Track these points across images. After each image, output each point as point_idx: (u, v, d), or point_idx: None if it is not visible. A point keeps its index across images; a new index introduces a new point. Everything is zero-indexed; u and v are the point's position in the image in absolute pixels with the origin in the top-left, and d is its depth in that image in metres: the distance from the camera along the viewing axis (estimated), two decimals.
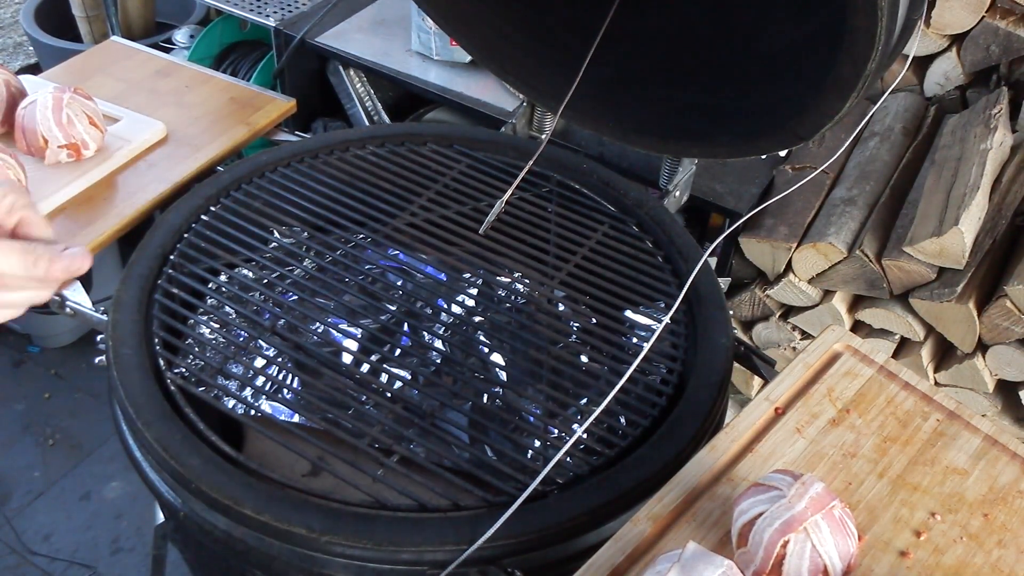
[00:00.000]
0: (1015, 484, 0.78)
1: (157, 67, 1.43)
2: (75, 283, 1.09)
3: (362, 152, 1.18)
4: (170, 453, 0.81)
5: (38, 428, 1.90)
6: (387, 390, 0.95)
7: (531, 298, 1.06)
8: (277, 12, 1.76)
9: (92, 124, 1.09)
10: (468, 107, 1.59)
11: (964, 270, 1.34)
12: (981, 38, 1.52)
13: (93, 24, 2.18)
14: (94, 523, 1.74)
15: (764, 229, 1.52)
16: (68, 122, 1.05)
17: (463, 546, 0.75)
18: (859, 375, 0.86)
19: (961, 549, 0.73)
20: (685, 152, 1.21)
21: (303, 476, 0.91)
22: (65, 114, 1.05)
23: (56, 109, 1.05)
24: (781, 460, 0.77)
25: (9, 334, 2.06)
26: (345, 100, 1.75)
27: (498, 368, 1.09)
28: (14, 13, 2.90)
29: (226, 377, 0.97)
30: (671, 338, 0.98)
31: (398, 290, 1.09)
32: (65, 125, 1.05)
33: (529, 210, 1.13)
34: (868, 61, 0.80)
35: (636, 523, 0.71)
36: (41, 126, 1.05)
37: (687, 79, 1.17)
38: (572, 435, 0.82)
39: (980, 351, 1.40)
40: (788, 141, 0.98)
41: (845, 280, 1.45)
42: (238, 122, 1.33)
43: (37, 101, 1.06)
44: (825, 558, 0.65)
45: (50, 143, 1.05)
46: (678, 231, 1.11)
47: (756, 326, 1.63)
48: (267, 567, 0.81)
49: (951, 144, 1.51)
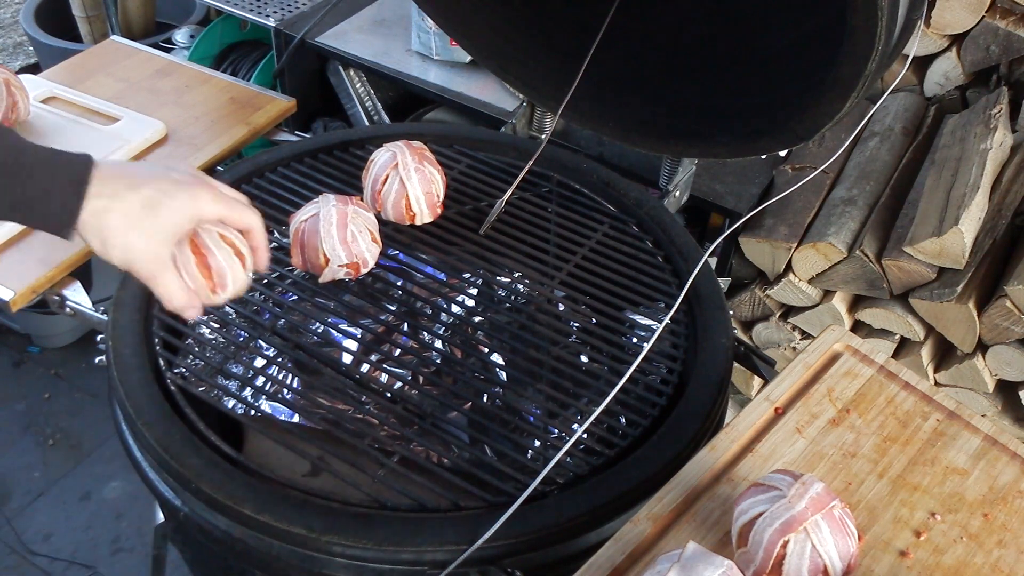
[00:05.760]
0: (1015, 484, 0.78)
1: (157, 67, 1.43)
2: (75, 283, 1.09)
3: (362, 152, 1.18)
4: (170, 453, 0.81)
5: (38, 428, 1.90)
6: (387, 390, 0.94)
7: (531, 298, 1.06)
8: (277, 12, 1.76)
9: (374, 240, 0.98)
10: (468, 107, 1.59)
11: (964, 270, 1.34)
12: (981, 38, 1.52)
13: (93, 24, 2.18)
14: (94, 523, 1.74)
15: (764, 229, 1.52)
16: (352, 239, 0.95)
17: (463, 546, 0.75)
18: (859, 375, 0.86)
19: (961, 549, 0.73)
20: (685, 152, 1.21)
21: (303, 476, 0.91)
22: (350, 231, 0.95)
23: (341, 226, 0.94)
24: (781, 460, 0.77)
25: (9, 334, 2.06)
26: (345, 100, 1.75)
27: (498, 368, 1.09)
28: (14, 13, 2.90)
29: (226, 377, 0.97)
30: (671, 338, 0.98)
31: (398, 290, 1.09)
32: (349, 243, 0.95)
33: (529, 210, 1.13)
34: (868, 61, 0.80)
35: (636, 523, 0.71)
36: (325, 244, 0.94)
37: (687, 79, 1.17)
38: (572, 435, 0.83)
39: (980, 351, 1.40)
40: (788, 141, 0.98)
41: (845, 280, 1.45)
42: (238, 122, 1.33)
43: (320, 215, 0.94)
44: (825, 558, 0.65)
45: (331, 262, 0.95)
46: (678, 231, 1.11)
47: (756, 326, 1.63)
48: (267, 567, 0.81)
49: (951, 144, 1.51)
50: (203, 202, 0.73)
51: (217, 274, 0.77)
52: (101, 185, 0.68)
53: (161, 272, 0.72)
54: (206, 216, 0.74)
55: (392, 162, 1.03)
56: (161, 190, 0.71)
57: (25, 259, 1.07)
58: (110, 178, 0.69)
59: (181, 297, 0.74)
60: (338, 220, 0.94)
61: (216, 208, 0.74)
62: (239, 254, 0.78)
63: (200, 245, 0.76)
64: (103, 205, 0.68)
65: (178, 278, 0.74)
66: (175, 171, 0.74)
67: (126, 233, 0.69)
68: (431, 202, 1.05)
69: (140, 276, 0.73)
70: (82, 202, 0.68)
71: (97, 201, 0.68)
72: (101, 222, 0.69)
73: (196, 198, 0.73)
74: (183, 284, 0.75)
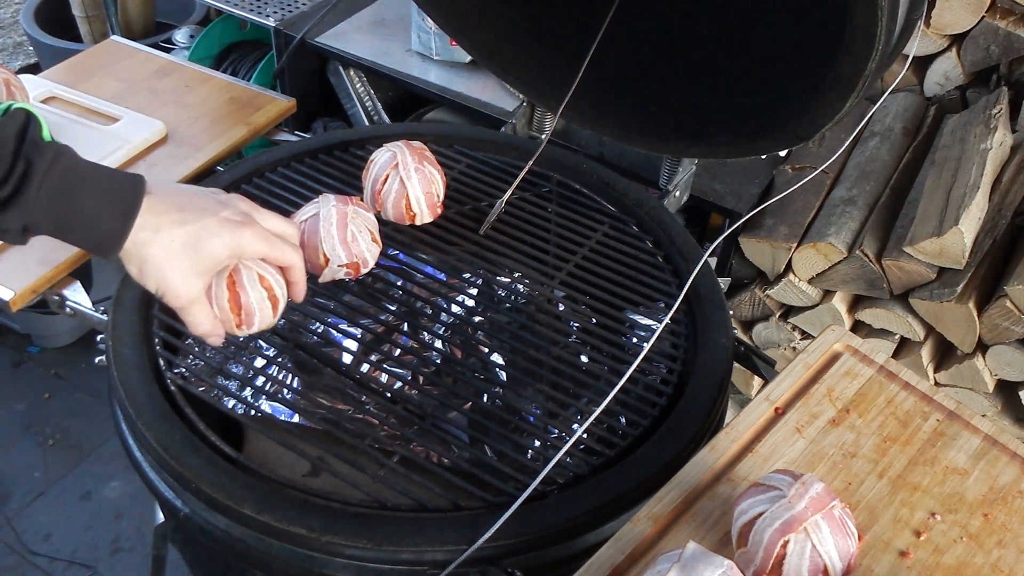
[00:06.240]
0: (1015, 484, 0.78)
1: (157, 67, 1.43)
2: (75, 283, 1.09)
3: (362, 152, 1.18)
4: (170, 453, 0.81)
5: (38, 428, 1.90)
6: (387, 390, 0.95)
7: (531, 298, 1.06)
8: (277, 12, 1.76)
9: (374, 240, 0.98)
10: (468, 107, 1.59)
11: (964, 270, 1.34)
12: (981, 38, 1.52)
13: (93, 24, 2.18)
14: (94, 523, 1.74)
15: (764, 229, 1.52)
16: (352, 239, 0.95)
17: (463, 546, 0.75)
18: (859, 375, 0.86)
19: (961, 549, 0.73)
20: (685, 152, 1.21)
21: (303, 476, 0.91)
22: (350, 231, 0.95)
23: (341, 226, 0.95)
24: (781, 460, 0.77)
25: (9, 334, 2.06)
26: (345, 100, 1.75)
27: (498, 368, 1.09)
28: (14, 13, 2.90)
29: (226, 377, 0.97)
30: (671, 338, 0.98)
31: (398, 290, 1.09)
32: (349, 243, 0.95)
33: (529, 210, 1.13)
34: (868, 61, 0.80)
35: (636, 523, 0.71)
36: (325, 244, 0.94)
37: (687, 79, 1.17)
38: (572, 435, 0.82)
39: (980, 351, 1.40)
40: (788, 141, 0.98)
41: (845, 280, 1.45)
42: (238, 122, 1.33)
43: (320, 215, 0.95)
44: (825, 558, 0.65)
45: (331, 262, 0.95)
46: (678, 231, 1.11)
47: (756, 326, 1.63)
48: (267, 567, 0.81)
49: (951, 144, 1.51)
50: (246, 241, 0.74)
51: (246, 312, 0.79)
52: (148, 216, 0.69)
53: (191, 304, 0.74)
54: (247, 255, 0.75)
55: (392, 162, 1.03)
56: (206, 227, 0.72)
57: (25, 259, 1.07)
58: (158, 210, 0.70)
59: (207, 327, 0.76)
60: (338, 220, 0.95)
61: (258, 247, 0.75)
62: (273, 297, 0.80)
63: (236, 282, 0.77)
64: (146, 238, 0.69)
65: (208, 308, 0.76)
66: (226, 205, 0.75)
67: (164, 267, 0.71)
68: (431, 202, 1.05)
69: (171, 306, 0.74)
70: (128, 232, 0.68)
71: (142, 233, 0.69)
72: (142, 253, 0.70)
73: (239, 237, 0.73)
74: (211, 314, 0.76)
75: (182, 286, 0.72)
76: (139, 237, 0.69)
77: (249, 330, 0.81)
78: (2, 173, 0.64)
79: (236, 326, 0.80)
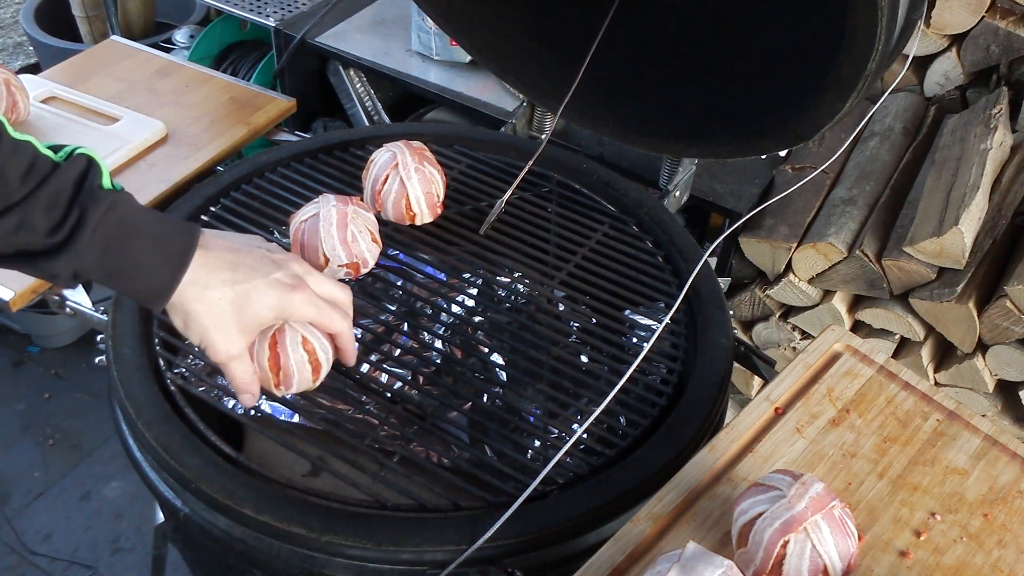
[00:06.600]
0: (1015, 484, 0.78)
1: (157, 67, 1.43)
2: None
3: (362, 152, 1.18)
4: (170, 453, 0.81)
5: (38, 428, 1.90)
6: (387, 390, 0.95)
7: (531, 298, 1.06)
8: (277, 12, 1.76)
9: (374, 240, 0.98)
10: (468, 107, 1.59)
11: (964, 270, 1.34)
12: (981, 38, 1.52)
13: (93, 24, 2.18)
14: (94, 523, 1.74)
15: (764, 229, 1.52)
16: (352, 240, 0.95)
17: (463, 546, 0.75)
18: (859, 375, 0.86)
19: (961, 549, 0.73)
20: (685, 152, 1.21)
21: (303, 476, 0.91)
22: (350, 231, 0.95)
23: (341, 226, 0.95)
24: (781, 460, 0.77)
25: (9, 334, 2.06)
26: (345, 100, 1.75)
27: (498, 368, 1.09)
28: (14, 13, 2.90)
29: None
30: (671, 338, 0.98)
31: (398, 290, 1.09)
32: (349, 243, 0.95)
33: (529, 210, 1.13)
34: (868, 61, 0.80)
35: (636, 523, 0.71)
36: (325, 244, 0.94)
37: (687, 79, 1.17)
38: (572, 435, 0.82)
39: (980, 351, 1.40)
40: (788, 141, 0.98)
41: (845, 280, 1.45)
42: (238, 122, 1.33)
43: (320, 215, 0.95)
44: (825, 558, 0.65)
45: (331, 262, 0.95)
46: (678, 231, 1.11)
47: (756, 326, 1.63)
48: (267, 567, 0.81)
49: (951, 144, 1.51)
50: (294, 306, 0.73)
51: (284, 374, 0.78)
52: (199, 271, 0.69)
53: (231, 360, 0.73)
54: (295, 318, 0.75)
55: (392, 162, 1.03)
56: (256, 288, 0.71)
57: None
58: (209, 266, 0.70)
59: (245, 383, 0.75)
60: (338, 220, 0.95)
61: (306, 312, 0.74)
62: (315, 361, 0.79)
63: (278, 342, 0.77)
64: (194, 294, 0.69)
65: (248, 366, 0.75)
66: (279, 266, 0.74)
67: (207, 325, 0.70)
68: (431, 202, 1.05)
69: (211, 360, 0.74)
70: (175, 286, 0.68)
71: (190, 289, 0.69)
72: (187, 308, 0.69)
73: (288, 301, 0.73)
74: (251, 370, 0.75)
75: (224, 344, 0.71)
76: (187, 292, 0.69)
77: (288, 391, 0.80)
78: (56, 220, 0.64)
79: (274, 385, 0.79)
